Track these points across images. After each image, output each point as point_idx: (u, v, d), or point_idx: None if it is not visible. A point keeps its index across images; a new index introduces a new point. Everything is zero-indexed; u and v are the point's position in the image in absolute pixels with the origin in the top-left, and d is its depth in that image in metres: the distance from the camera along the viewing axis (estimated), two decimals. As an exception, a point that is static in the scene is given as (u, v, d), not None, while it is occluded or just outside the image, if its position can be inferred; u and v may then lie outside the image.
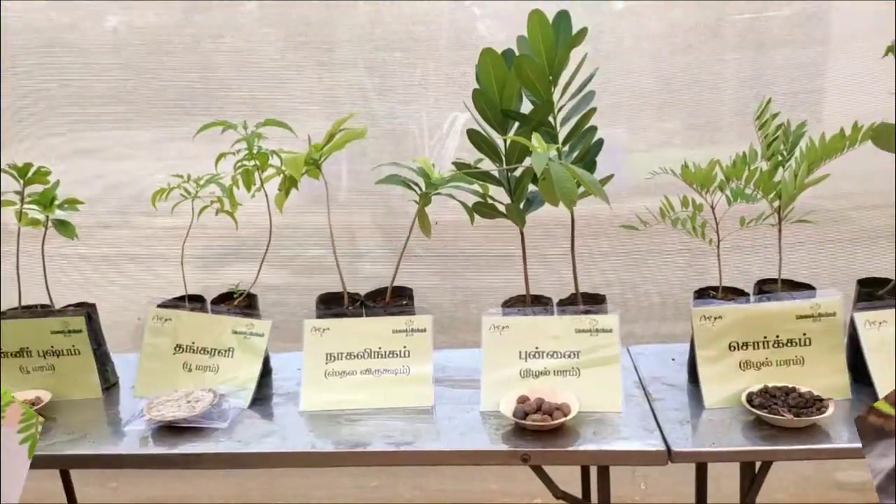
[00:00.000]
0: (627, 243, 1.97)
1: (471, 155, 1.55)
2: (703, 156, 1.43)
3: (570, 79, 1.43)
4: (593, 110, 1.43)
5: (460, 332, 1.98)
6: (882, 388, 1.30)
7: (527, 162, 1.43)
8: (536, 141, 1.31)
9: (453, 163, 1.48)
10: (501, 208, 1.52)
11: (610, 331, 1.43)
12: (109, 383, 1.65)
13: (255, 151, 1.51)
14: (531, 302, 1.55)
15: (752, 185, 1.37)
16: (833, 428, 1.27)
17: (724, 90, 1.89)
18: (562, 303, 1.55)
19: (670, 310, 2.00)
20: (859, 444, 1.21)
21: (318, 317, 1.55)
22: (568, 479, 1.67)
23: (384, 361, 1.50)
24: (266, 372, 1.65)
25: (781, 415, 1.25)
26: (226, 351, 1.56)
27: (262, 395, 1.57)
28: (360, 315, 1.56)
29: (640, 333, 2.00)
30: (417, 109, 1.93)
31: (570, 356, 1.43)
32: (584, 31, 1.37)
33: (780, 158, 1.39)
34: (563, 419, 1.29)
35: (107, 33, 1.93)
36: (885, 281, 1.46)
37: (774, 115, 1.40)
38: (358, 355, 1.50)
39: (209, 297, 1.68)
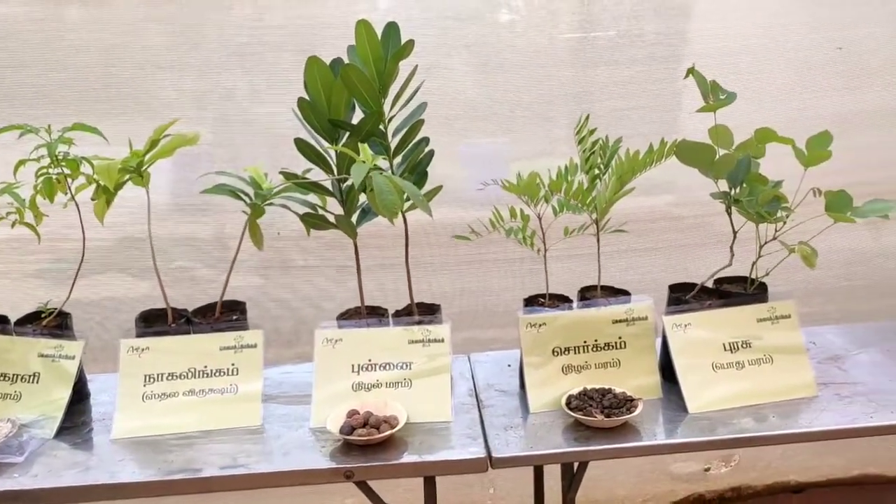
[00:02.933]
0: (494, 250, 2.01)
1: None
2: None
3: (401, 90, 1.43)
4: (421, 121, 1.44)
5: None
6: (686, 386, 1.40)
7: (357, 172, 1.41)
8: (362, 152, 1.30)
9: (280, 172, 1.44)
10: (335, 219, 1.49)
11: (441, 340, 1.45)
12: None
13: (59, 158, 1.38)
14: (367, 313, 1.53)
15: (571, 197, 1.43)
16: (643, 426, 1.34)
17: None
18: (398, 314, 1.55)
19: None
20: (665, 441, 1.31)
21: (138, 335, 1.46)
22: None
23: (209, 381, 1.42)
24: (82, 397, 1.53)
25: (594, 416, 1.31)
26: (30, 376, 1.42)
27: (75, 423, 1.44)
28: (186, 332, 1.47)
29: (504, 339, 2.06)
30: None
31: (402, 367, 1.43)
32: (411, 43, 1.38)
33: (596, 172, 1.47)
34: (389, 432, 1.28)
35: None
36: (695, 286, 1.58)
37: (591, 131, 1.48)
38: (181, 375, 1.42)
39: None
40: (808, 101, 2.07)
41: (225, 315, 1.52)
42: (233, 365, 1.44)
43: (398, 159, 1.48)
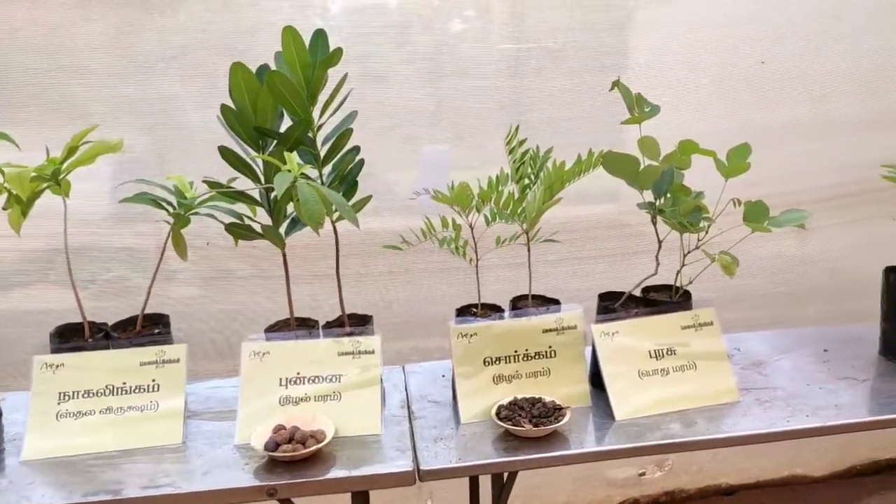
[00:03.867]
0: (444, 258, 2.01)
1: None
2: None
3: (331, 98, 1.41)
4: (350, 130, 1.43)
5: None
6: (613, 394, 1.41)
7: (284, 182, 1.39)
8: (288, 160, 1.27)
9: (204, 180, 1.40)
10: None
11: (372, 352, 1.43)
12: None
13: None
14: (296, 325, 1.50)
15: (500, 207, 1.44)
16: (571, 434, 1.35)
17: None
18: (328, 325, 1.52)
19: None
20: (592, 449, 1.32)
21: (53, 351, 1.39)
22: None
23: (128, 398, 1.36)
24: (-9, 417, 1.45)
25: (522, 426, 1.32)
26: (-69, 396, 1.34)
27: (-18, 445, 1.36)
28: (104, 347, 1.41)
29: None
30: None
31: (331, 380, 1.40)
32: (339, 51, 1.36)
33: (527, 182, 1.48)
34: (316, 447, 1.26)
35: None
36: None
37: (522, 142, 1.49)
38: (98, 393, 1.36)
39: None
40: (737, 112, 2.15)
41: (147, 329, 1.46)
42: (153, 381, 1.38)
43: (328, 168, 1.46)
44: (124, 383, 1.37)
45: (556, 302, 1.55)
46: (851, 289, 2.34)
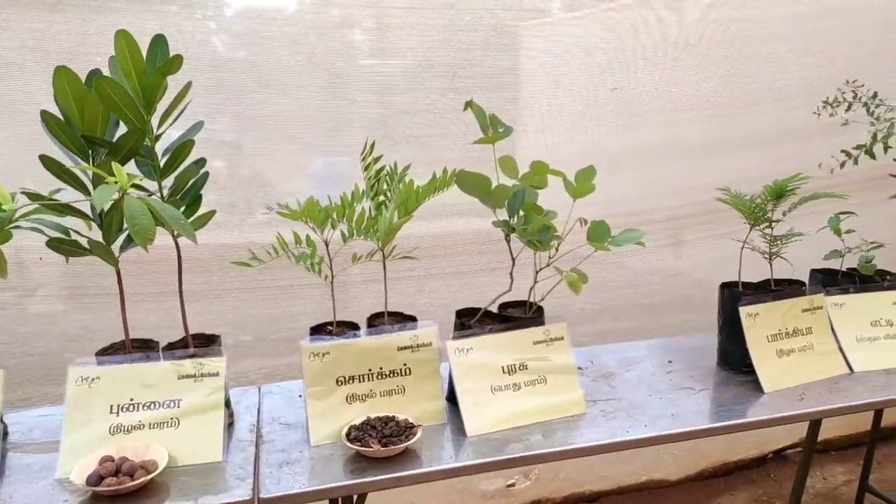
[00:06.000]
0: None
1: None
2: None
3: (171, 107, 1.34)
4: (191, 142, 1.36)
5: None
6: (465, 410, 1.42)
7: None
8: (116, 171, 1.19)
9: (22, 191, 1.28)
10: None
11: (216, 374, 1.36)
12: None
13: None
14: (133, 347, 1.40)
15: (355, 223, 1.42)
16: (423, 452, 1.34)
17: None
18: (171, 346, 1.44)
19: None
20: (441, 467, 1.32)
21: None
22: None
23: (-72, 433, 1.22)
24: None
25: (371, 446, 1.29)
26: None
27: None
28: None
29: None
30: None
31: (169, 405, 1.32)
32: (178, 58, 1.29)
33: (382, 199, 1.47)
34: (145, 479, 1.17)
35: None
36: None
37: (377, 159, 1.48)
38: None
39: None
40: (596, 135, 2.25)
41: (-43, 354, 1.32)
42: (-38, 413, 1.25)
43: (169, 181, 1.38)
44: (-77, 417, 1.22)
45: (413, 319, 1.54)
46: (712, 299, 2.51)
